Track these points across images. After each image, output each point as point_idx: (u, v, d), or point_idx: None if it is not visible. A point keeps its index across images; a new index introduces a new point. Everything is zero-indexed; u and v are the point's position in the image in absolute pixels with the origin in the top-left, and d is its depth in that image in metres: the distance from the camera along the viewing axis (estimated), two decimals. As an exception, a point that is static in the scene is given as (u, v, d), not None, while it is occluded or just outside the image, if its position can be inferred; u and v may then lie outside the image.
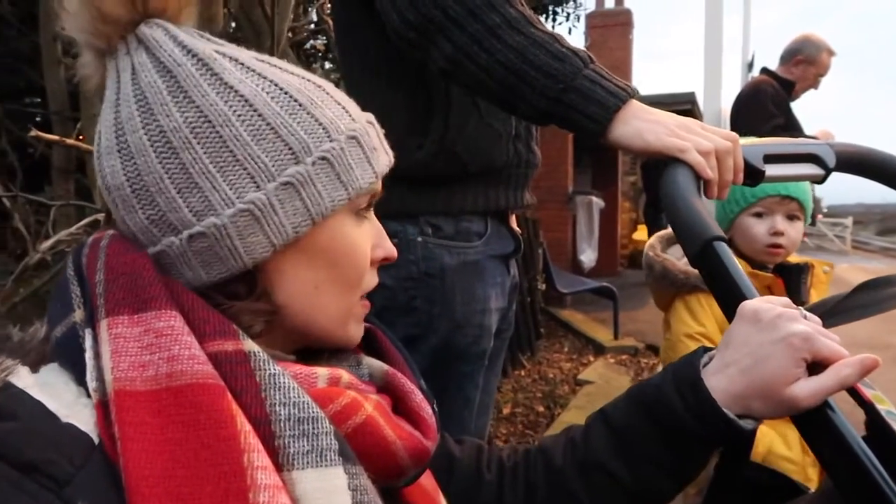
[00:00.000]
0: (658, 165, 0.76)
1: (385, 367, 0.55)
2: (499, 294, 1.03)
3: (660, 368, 4.16)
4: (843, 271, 8.96)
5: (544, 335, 4.93)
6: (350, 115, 0.51)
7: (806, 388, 0.53)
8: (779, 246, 1.27)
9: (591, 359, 4.54)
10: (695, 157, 0.73)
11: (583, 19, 10.17)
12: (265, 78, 0.48)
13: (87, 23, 0.47)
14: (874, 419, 0.56)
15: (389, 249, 0.56)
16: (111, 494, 0.36)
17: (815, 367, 0.54)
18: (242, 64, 0.48)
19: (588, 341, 4.92)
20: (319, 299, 0.50)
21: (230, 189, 0.45)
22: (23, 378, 0.39)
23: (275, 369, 0.42)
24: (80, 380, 0.41)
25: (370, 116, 0.54)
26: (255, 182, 0.45)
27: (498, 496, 0.65)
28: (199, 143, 0.45)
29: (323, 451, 0.40)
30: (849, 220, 18.85)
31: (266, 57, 0.51)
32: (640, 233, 9.12)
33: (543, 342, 4.83)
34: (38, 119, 3.86)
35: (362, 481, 0.42)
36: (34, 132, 1.32)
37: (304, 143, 0.47)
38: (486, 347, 1.02)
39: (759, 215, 1.29)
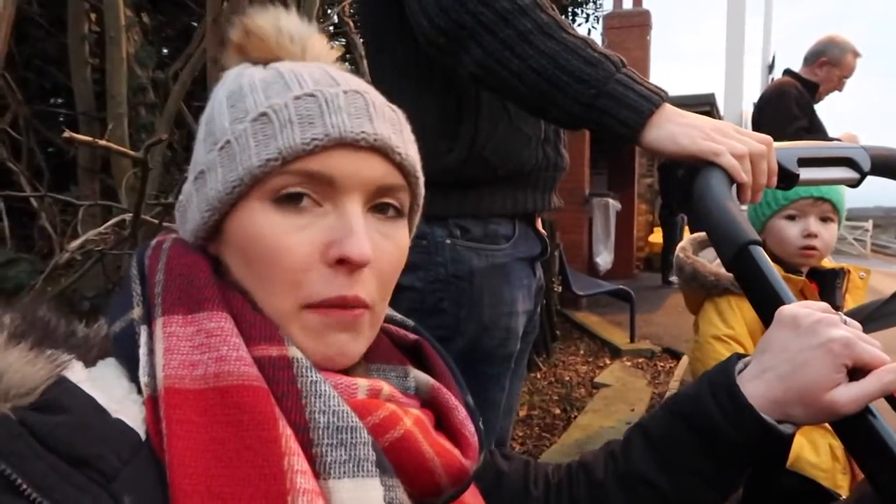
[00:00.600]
0: (678, 168, 0.75)
1: (431, 381, 0.53)
2: (525, 296, 1.03)
3: (679, 371, 4.06)
4: (864, 275, 8.79)
5: (560, 337, 4.92)
6: (290, 90, 0.47)
7: (847, 394, 0.52)
8: (812, 248, 1.25)
9: (608, 361, 4.51)
10: (729, 161, 0.72)
11: (601, 20, 10.12)
12: (243, 78, 0.50)
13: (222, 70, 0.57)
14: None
15: (348, 250, 0.44)
16: (156, 491, 0.37)
17: (856, 372, 0.53)
18: (243, 72, 0.52)
19: (604, 344, 4.89)
20: (255, 297, 0.47)
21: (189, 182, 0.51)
22: (76, 373, 0.40)
23: (316, 377, 0.42)
24: (133, 375, 0.42)
25: (324, 89, 0.47)
26: (193, 175, 0.50)
27: None
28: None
29: (360, 461, 0.40)
30: (868, 224, 18.55)
31: (283, 62, 0.53)
32: (657, 235, 9.05)
33: (559, 344, 4.81)
34: (61, 119, 3.92)
35: (398, 494, 0.41)
36: (67, 133, 1.34)
37: (224, 129, 0.47)
38: (512, 350, 1.02)
39: (791, 218, 1.28)
